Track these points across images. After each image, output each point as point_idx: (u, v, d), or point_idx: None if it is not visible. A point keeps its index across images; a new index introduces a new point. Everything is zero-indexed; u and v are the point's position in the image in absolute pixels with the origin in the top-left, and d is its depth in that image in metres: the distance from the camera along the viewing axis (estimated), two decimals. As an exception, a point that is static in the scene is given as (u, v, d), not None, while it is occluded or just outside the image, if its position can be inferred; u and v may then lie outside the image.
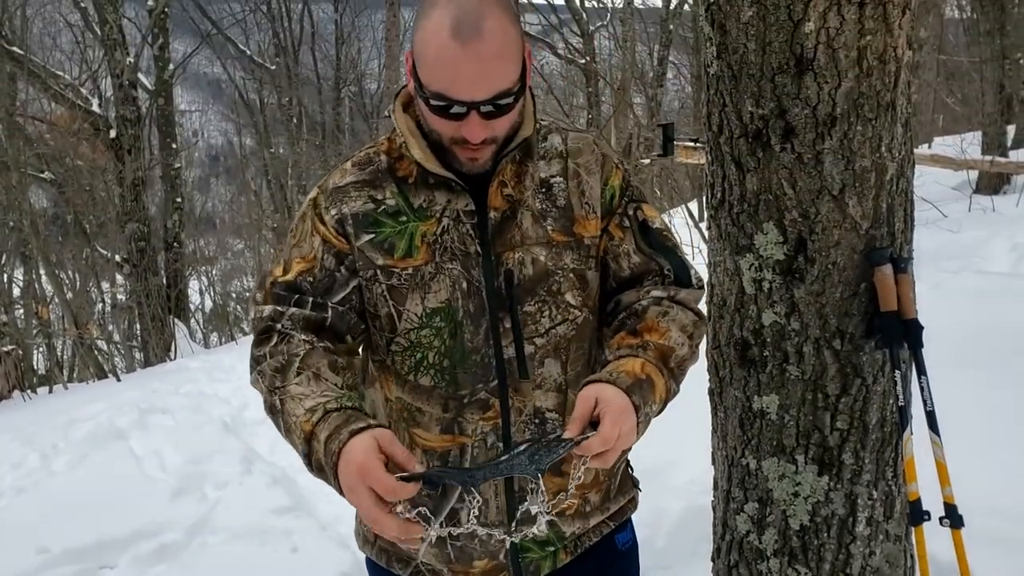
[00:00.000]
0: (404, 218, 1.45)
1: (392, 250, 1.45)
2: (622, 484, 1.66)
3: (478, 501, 1.24)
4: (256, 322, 1.49)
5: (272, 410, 1.40)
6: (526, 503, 1.24)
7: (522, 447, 1.18)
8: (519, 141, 1.43)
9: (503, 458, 1.18)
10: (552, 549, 1.57)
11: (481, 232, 1.44)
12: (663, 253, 1.54)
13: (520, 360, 1.46)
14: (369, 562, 1.72)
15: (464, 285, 1.44)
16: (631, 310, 1.48)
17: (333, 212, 1.47)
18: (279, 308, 1.45)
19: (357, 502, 1.18)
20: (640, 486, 1.72)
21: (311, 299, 1.46)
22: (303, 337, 1.43)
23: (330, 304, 1.46)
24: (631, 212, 1.54)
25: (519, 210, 1.46)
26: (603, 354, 1.49)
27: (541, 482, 1.20)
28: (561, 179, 1.49)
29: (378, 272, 1.46)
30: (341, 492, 1.23)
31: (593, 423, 1.25)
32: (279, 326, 1.45)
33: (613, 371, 1.33)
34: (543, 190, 1.48)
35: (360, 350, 1.57)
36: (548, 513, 1.21)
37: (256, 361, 1.45)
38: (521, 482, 1.48)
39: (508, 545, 1.51)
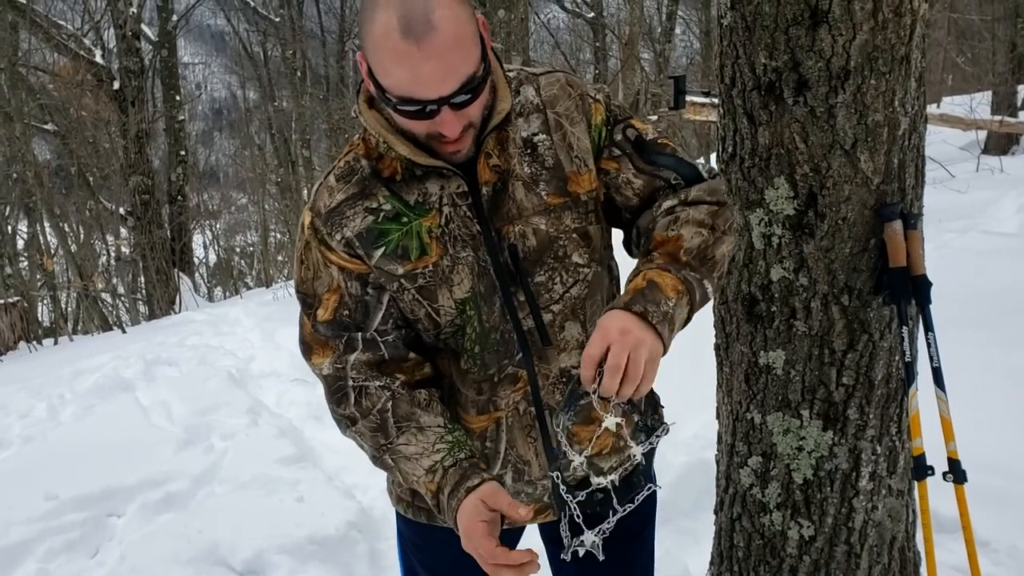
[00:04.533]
0: (405, 219, 1.42)
1: (407, 254, 1.43)
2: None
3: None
4: (320, 379, 1.50)
5: (384, 465, 1.47)
6: (565, 458, 1.33)
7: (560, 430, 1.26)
8: (500, 118, 1.40)
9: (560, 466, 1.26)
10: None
11: (477, 211, 1.42)
12: (664, 163, 1.49)
13: (541, 330, 1.47)
14: (404, 519, 1.73)
15: (476, 267, 1.44)
16: (646, 231, 1.47)
17: (338, 237, 1.44)
18: (337, 363, 1.46)
19: (468, 550, 1.29)
20: (662, 402, 1.74)
21: (359, 336, 1.46)
22: (379, 384, 1.45)
23: (377, 336, 1.46)
24: (619, 136, 1.49)
25: (509, 181, 1.43)
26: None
27: (564, 439, 1.29)
28: (544, 136, 1.45)
29: (403, 281, 1.44)
30: None
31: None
32: (350, 382, 1.46)
33: (612, 303, 1.33)
34: (528, 151, 1.44)
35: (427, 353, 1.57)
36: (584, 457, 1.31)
37: (346, 419, 1.47)
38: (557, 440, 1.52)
39: (551, 484, 1.56)
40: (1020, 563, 2.74)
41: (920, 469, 2.09)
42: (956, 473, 2.09)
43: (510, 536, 1.74)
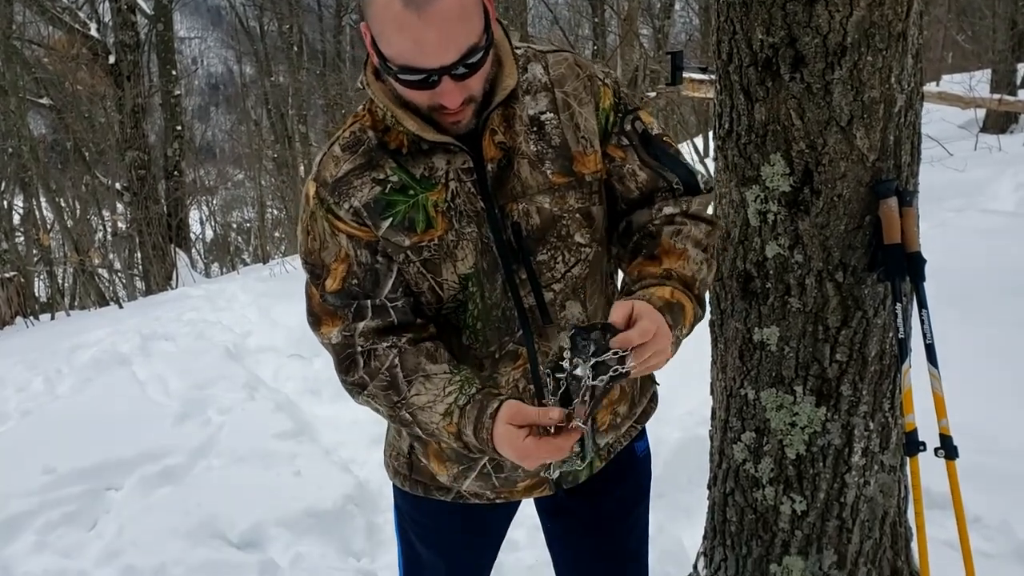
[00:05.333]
0: (412, 191, 1.42)
1: (413, 226, 1.43)
2: (643, 386, 1.71)
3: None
4: (329, 349, 1.50)
5: (402, 422, 1.46)
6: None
7: (578, 365, 1.21)
8: (505, 95, 1.40)
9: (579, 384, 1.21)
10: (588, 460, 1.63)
11: (482, 187, 1.42)
12: (668, 163, 1.51)
13: (542, 308, 1.47)
14: (401, 492, 1.74)
15: (479, 244, 1.44)
16: (645, 231, 1.48)
17: (345, 206, 1.44)
18: (345, 331, 1.46)
19: (532, 466, 1.29)
20: (657, 380, 1.77)
21: (368, 303, 1.46)
22: (386, 345, 1.45)
23: (387, 303, 1.47)
24: (628, 126, 1.50)
25: (514, 158, 1.43)
26: (622, 278, 1.51)
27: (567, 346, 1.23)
28: (551, 114, 1.45)
29: (408, 253, 1.45)
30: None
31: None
32: (358, 348, 1.46)
33: (644, 294, 1.33)
34: (535, 129, 1.44)
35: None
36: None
37: (356, 386, 1.47)
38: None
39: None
40: (1011, 539, 2.76)
41: (912, 445, 2.11)
42: (948, 449, 2.11)
43: (505, 512, 1.75)
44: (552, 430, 1.24)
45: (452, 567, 1.77)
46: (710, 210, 1.55)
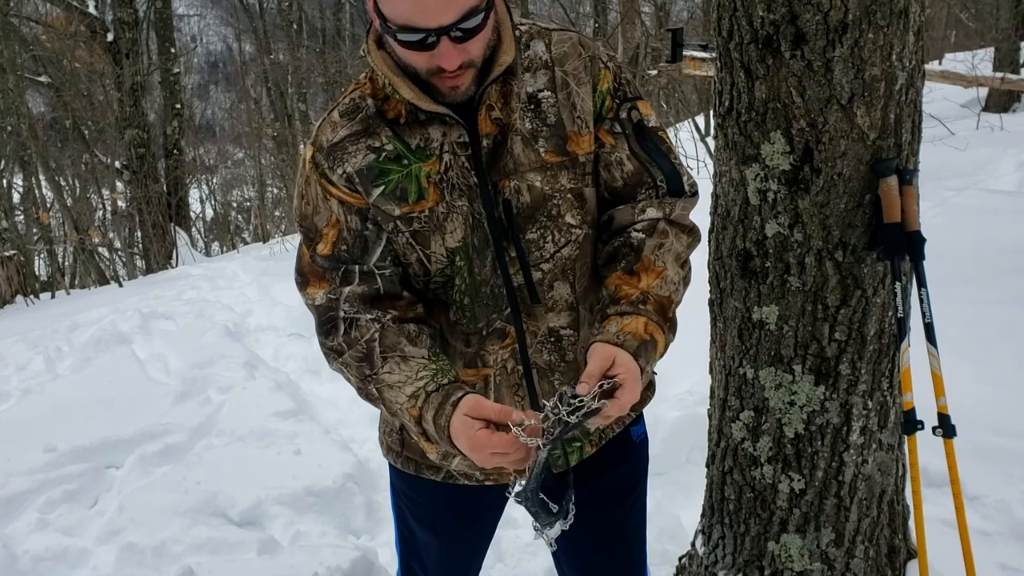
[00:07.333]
0: (406, 161, 1.42)
1: (405, 196, 1.43)
2: None
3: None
4: (312, 310, 1.50)
5: (368, 396, 1.46)
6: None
7: (554, 431, 1.21)
8: (501, 70, 1.39)
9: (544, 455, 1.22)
10: (579, 444, 1.62)
11: (476, 162, 1.42)
12: (657, 158, 1.49)
13: (530, 287, 1.47)
14: (395, 470, 1.75)
15: (470, 219, 1.44)
16: (626, 238, 1.46)
17: (339, 171, 1.44)
18: (331, 294, 1.46)
19: (484, 462, 1.27)
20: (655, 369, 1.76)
21: (356, 268, 1.46)
22: (369, 317, 1.44)
23: (375, 270, 1.46)
24: (624, 114, 1.49)
25: (508, 135, 1.43)
26: (601, 280, 1.50)
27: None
28: (549, 92, 1.45)
29: (398, 223, 1.45)
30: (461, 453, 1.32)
31: (607, 378, 1.26)
32: (341, 313, 1.45)
33: (620, 333, 1.32)
34: (531, 107, 1.44)
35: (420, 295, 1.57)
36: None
37: (333, 352, 1.47)
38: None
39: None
40: (1008, 517, 2.77)
41: (910, 424, 2.11)
42: (945, 428, 2.11)
43: (499, 492, 1.75)
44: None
45: (446, 547, 1.78)
46: (693, 215, 1.54)
